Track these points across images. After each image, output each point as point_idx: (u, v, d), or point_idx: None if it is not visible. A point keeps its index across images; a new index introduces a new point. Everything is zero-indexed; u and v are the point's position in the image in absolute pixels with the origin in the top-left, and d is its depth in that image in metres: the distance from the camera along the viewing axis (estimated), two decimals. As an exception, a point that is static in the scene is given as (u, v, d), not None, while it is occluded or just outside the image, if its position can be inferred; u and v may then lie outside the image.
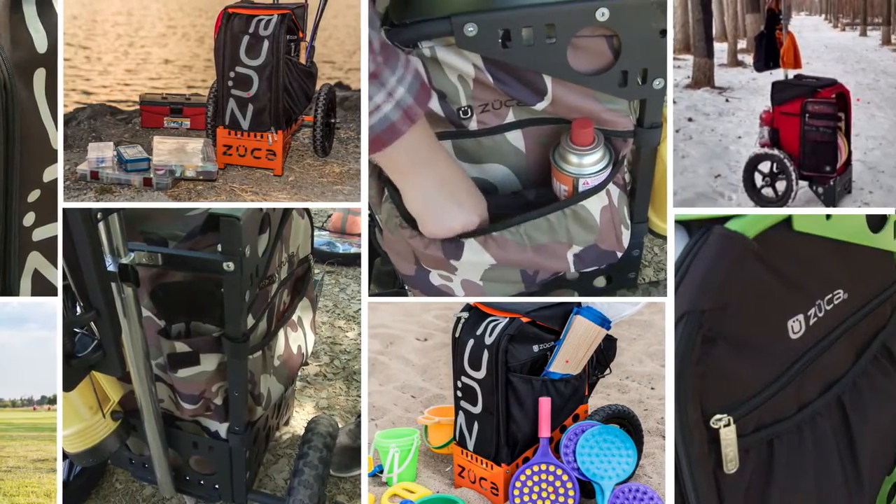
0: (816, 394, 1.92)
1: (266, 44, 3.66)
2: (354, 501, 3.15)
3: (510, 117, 2.41)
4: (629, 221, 2.66)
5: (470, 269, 2.40)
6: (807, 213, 1.85)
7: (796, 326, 1.84)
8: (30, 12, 2.04)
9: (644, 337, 4.05)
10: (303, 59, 3.91)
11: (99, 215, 1.96)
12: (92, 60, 6.27)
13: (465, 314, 2.76)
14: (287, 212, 2.65)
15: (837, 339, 1.98)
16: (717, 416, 1.67)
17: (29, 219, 2.14)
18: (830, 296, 1.94)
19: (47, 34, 2.05)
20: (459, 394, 2.76)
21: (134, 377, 2.37)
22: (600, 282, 2.98)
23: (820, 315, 1.91)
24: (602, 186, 2.46)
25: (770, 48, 4.54)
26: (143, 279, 2.21)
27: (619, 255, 2.65)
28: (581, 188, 2.44)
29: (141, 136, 4.15)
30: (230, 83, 3.72)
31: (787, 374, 1.83)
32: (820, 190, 4.05)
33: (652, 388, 3.56)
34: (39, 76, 2.04)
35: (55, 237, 2.21)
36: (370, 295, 3.08)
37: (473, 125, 2.39)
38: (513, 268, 2.49)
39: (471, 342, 2.68)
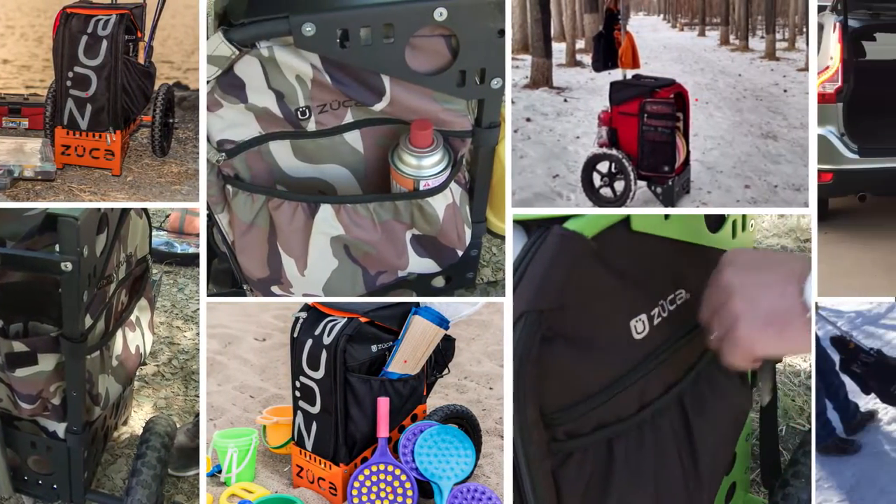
0: (658, 393, 1.96)
1: (104, 44, 3.67)
2: (193, 501, 3.15)
3: (348, 118, 2.47)
4: (470, 220, 2.75)
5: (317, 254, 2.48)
6: (645, 213, 1.89)
7: (640, 326, 1.89)
8: None
9: (482, 337, 4.13)
10: (141, 59, 3.92)
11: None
12: (-70, 60, 6.18)
13: (304, 314, 2.78)
14: (125, 212, 2.66)
15: (684, 338, 2.03)
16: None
17: None
18: (673, 296, 1.99)
19: None
20: (298, 394, 2.79)
21: (-28, 377, 2.37)
22: (438, 282, 3.05)
23: (664, 315, 1.96)
24: (443, 187, 2.54)
25: (608, 48, 4.62)
26: (-20, 279, 2.22)
27: (460, 253, 2.74)
28: (421, 189, 2.52)
29: (-20, 137, 4.11)
30: (68, 83, 3.72)
31: (633, 374, 1.87)
32: (658, 190, 4.14)
33: (490, 388, 3.64)
34: None
35: None
36: (208, 295, 3.10)
37: (312, 126, 2.45)
38: (355, 268, 2.56)
39: (309, 342, 2.70)
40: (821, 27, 5.73)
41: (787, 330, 1.74)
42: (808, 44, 6.24)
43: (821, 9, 5.92)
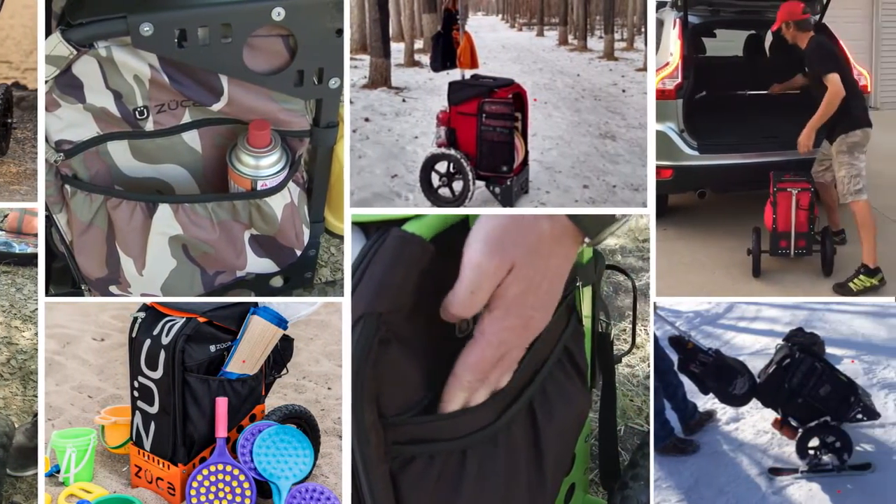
0: (511, 400, 1.99)
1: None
2: (31, 501, 3.12)
3: (186, 118, 2.51)
4: (309, 221, 2.82)
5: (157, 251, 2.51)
6: (483, 213, 1.87)
7: (463, 325, 1.90)
8: None
9: (321, 337, 4.17)
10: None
11: None
12: None
13: (142, 314, 2.78)
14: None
15: None
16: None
17: None
18: None
19: None
20: (136, 394, 2.79)
21: None
22: (277, 281, 3.10)
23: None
24: (281, 187, 2.61)
25: (447, 48, 4.67)
26: None
27: (298, 252, 2.80)
28: (259, 189, 2.58)
29: None
30: None
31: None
32: (497, 190, 4.20)
33: (329, 388, 3.68)
34: None
35: None
36: (47, 295, 3.11)
37: (150, 126, 2.48)
38: (193, 268, 2.61)
39: (147, 342, 2.71)
40: (660, 24, 5.86)
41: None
42: (646, 43, 6.39)
43: (660, 5, 6.04)
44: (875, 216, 5.12)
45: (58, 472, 2.93)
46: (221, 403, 2.72)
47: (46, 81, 2.30)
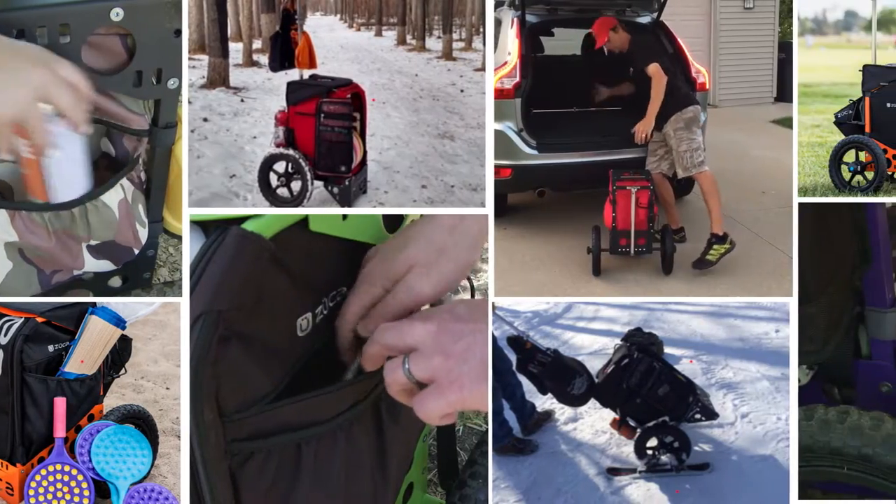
0: (355, 399, 2.03)
1: None
2: None
3: (25, 115, 2.54)
4: (145, 220, 2.84)
5: None
6: (323, 213, 1.95)
7: (304, 324, 1.95)
8: None
9: (159, 337, 4.16)
10: None
11: None
12: None
13: None
14: None
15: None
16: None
17: None
18: (335, 293, 2.07)
19: None
20: None
21: None
22: (115, 282, 3.10)
23: (325, 313, 2.03)
24: (114, 182, 2.64)
25: (285, 48, 4.66)
26: None
27: (136, 251, 2.82)
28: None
29: None
30: None
31: (291, 372, 1.93)
32: (335, 190, 4.26)
33: (167, 388, 3.68)
34: None
35: None
36: None
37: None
38: (30, 268, 2.62)
39: None
40: (498, 23, 5.94)
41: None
42: (484, 42, 6.46)
43: (498, 4, 6.12)
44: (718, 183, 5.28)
45: None
46: (60, 403, 2.72)
47: None
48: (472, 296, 2.76)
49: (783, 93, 12.39)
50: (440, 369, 1.75)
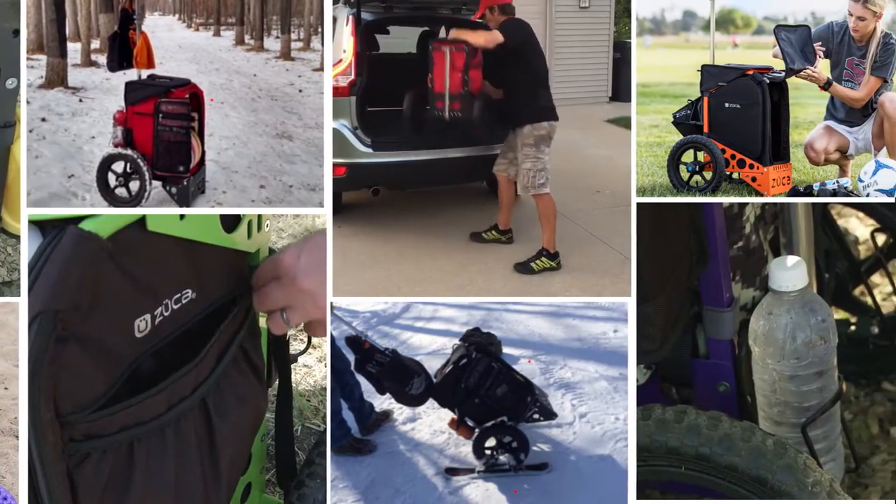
0: (183, 396, 2.05)
1: None
2: None
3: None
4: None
5: None
6: (161, 213, 1.96)
7: (143, 325, 1.96)
8: None
9: None
10: None
11: None
12: None
13: None
14: None
15: (184, 335, 2.12)
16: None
17: None
18: (179, 295, 2.08)
19: None
20: None
21: None
22: None
23: (166, 314, 2.04)
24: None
25: (124, 48, 4.61)
26: None
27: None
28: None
29: None
30: None
31: (127, 371, 1.93)
32: (174, 190, 4.23)
33: (6, 388, 3.62)
34: None
35: None
36: None
37: None
38: None
39: None
40: (334, 21, 5.93)
41: None
42: (323, 43, 6.44)
43: (335, 2, 6.11)
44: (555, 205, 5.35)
45: None
46: None
47: None
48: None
49: (618, 92, 12.61)
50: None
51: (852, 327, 4.38)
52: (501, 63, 5.58)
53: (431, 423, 4.65)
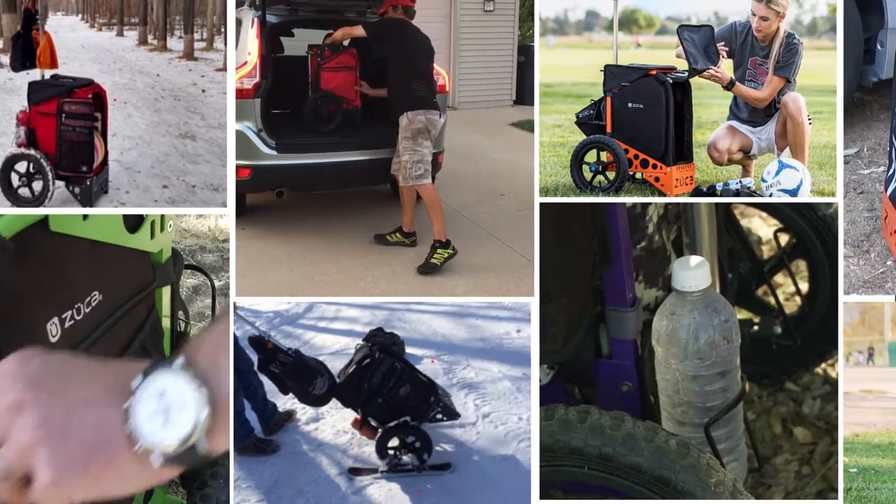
0: None
1: None
2: None
3: None
4: None
5: None
6: (64, 213, 1.94)
7: (53, 329, 1.92)
8: None
9: None
10: None
11: None
12: None
13: None
14: None
15: (97, 341, 2.10)
16: None
17: None
18: (89, 298, 2.06)
19: None
20: None
21: None
22: None
23: (78, 318, 2.02)
24: None
25: (27, 48, 4.58)
26: None
27: None
28: None
29: None
30: None
31: None
32: (77, 190, 4.20)
33: None
34: None
35: None
36: None
37: None
38: None
39: None
40: (239, 23, 5.91)
41: (109, 473, 1.27)
42: (226, 43, 6.42)
43: (239, 4, 6.09)
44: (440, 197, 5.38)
45: None
46: None
47: None
48: (213, 297, 2.74)
49: (522, 96, 12.65)
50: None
51: (755, 327, 4.42)
52: (383, 61, 5.66)
53: (335, 423, 4.66)
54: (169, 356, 2.51)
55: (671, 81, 5.17)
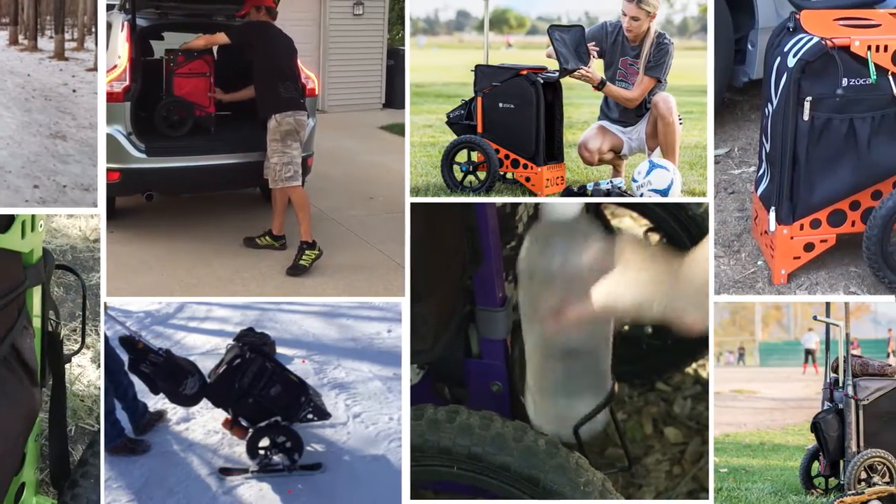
0: None
1: None
2: None
3: None
4: None
5: None
6: None
7: None
8: None
9: None
10: None
11: None
12: None
13: None
14: None
15: None
16: None
17: None
18: None
19: None
20: None
21: None
22: None
23: None
24: None
25: None
26: None
27: None
28: None
29: None
30: None
31: None
32: None
33: None
34: None
35: None
36: None
37: None
38: None
39: None
40: (110, 26, 5.84)
41: None
42: (97, 43, 6.32)
43: (110, 7, 6.02)
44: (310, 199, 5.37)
45: None
46: None
47: None
48: (84, 297, 2.70)
49: (392, 99, 12.64)
50: None
51: (626, 328, 4.47)
52: (249, 65, 5.62)
53: (205, 423, 4.63)
54: (41, 358, 2.49)
55: (542, 81, 5.22)
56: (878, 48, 3.97)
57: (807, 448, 4.60)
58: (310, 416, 4.20)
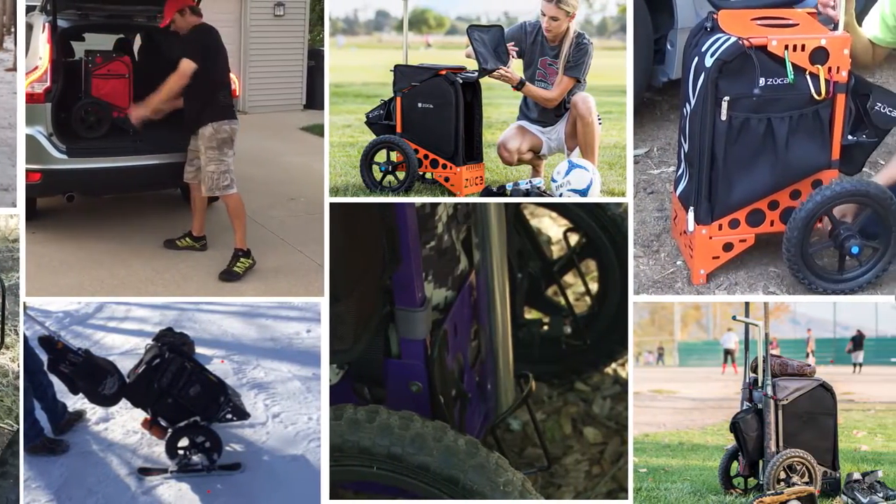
0: None
1: None
2: None
3: None
4: None
5: None
6: None
7: None
8: None
9: None
10: None
11: None
12: None
13: None
14: None
15: None
16: None
17: None
18: None
19: None
20: None
21: None
22: None
23: None
24: None
25: None
26: None
27: None
28: None
29: None
30: None
31: None
32: None
33: None
34: None
35: None
36: None
37: None
38: None
39: None
40: (30, 28, 5.78)
41: None
42: (16, 43, 6.26)
43: (30, 9, 5.96)
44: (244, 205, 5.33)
45: None
46: None
47: None
48: (3, 297, 2.70)
49: (312, 100, 12.60)
50: None
51: (545, 327, 4.49)
52: (168, 66, 5.55)
53: (124, 422, 4.61)
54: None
55: (461, 81, 5.24)
56: (795, 48, 4.00)
57: (726, 448, 4.62)
58: (229, 416, 4.19)
